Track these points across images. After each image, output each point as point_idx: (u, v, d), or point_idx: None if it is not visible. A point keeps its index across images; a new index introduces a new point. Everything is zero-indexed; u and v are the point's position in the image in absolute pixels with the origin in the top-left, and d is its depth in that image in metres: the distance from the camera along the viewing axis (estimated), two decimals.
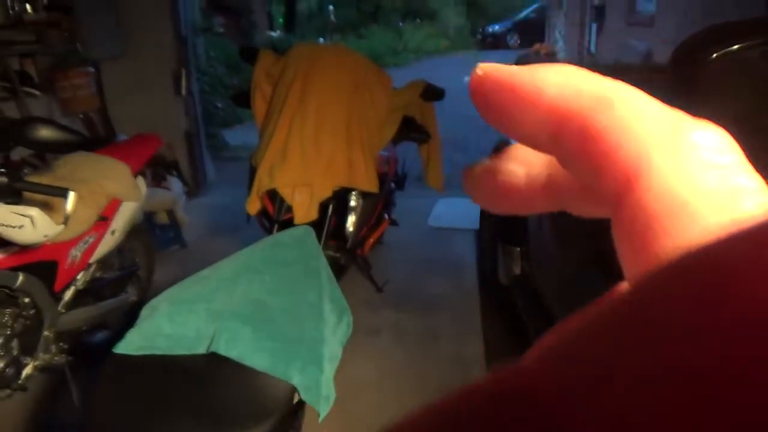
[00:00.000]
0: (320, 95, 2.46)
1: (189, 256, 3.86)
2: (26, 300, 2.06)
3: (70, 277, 2.20)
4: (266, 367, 1.15)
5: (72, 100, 3.95)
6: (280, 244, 1.47)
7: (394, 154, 3.24)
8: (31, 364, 2.11)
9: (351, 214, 2.60)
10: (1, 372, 1.94)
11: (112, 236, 2.33)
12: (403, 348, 2.78)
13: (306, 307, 1.32)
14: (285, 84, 2.52)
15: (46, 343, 2.15)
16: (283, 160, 2.39)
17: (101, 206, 2.21)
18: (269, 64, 2.67)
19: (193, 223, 4.31)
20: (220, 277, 1.33)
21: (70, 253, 2.14)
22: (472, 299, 3.19)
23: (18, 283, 1.94)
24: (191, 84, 4.78)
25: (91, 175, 2.20)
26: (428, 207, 4.56)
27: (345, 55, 2.68)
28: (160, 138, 2.73)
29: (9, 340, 1.99)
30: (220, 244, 3.97)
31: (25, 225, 1.60)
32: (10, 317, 2.02)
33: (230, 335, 1.16)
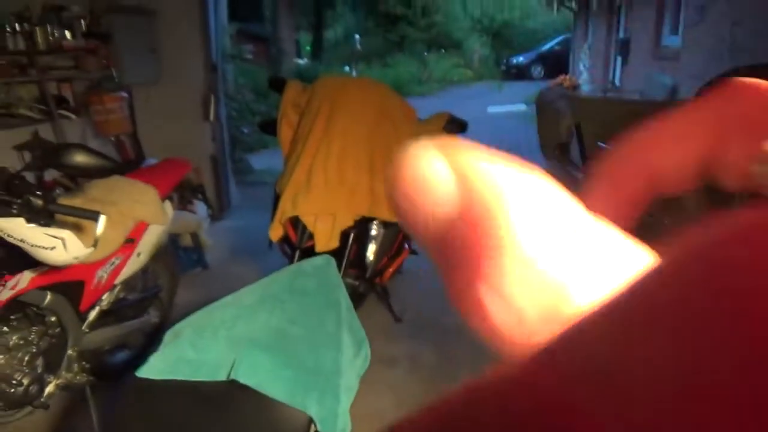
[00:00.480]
0: (345, 126, 2.50)
1: (211, 279, 3.91)
2: (53, 319, 2.11)
3: (95, 297, 2.24)
4: (284, 396, 1.16)
5: (105, 123, 4.07)
6: (302, 273, 1.49)
7: None
8: (54, 382, 2.15)
9: (372, 243, 2.62)
10: (25, 389, 1.98)
11: (137, 258, 2.38)
12: (420, 379, 2.76)
13: (325, 338, 1.33)
14: (311, 114, 2.58)
15: (69, 362, 2.19)
16: (306, 189, 2.43)
17: (129, 229, 2.26)
18: (296, 94, 2.74)
19: (215, 245, 4.37)
20: (241, 305, 1.36)
21: (96, 273, 2.19)
22: None
23: (46, 302, 1.99)
24: (219, 110, 4.90)
25: (121, 198, 2.26)
26: None
27: (370, 86, 2.73)
28: (189, 162, 2.79)
29: (34, 358, 2.04)
30: (241, 267, 4.01)
31: (56, 246, 1.65)
32: (36, 335, 2.07)
33: (250, 363, 1.18)
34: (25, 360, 2.01)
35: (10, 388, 1.96)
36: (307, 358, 1.25)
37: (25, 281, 1.86)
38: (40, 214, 1.63)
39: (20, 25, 3.60)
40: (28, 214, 1.60)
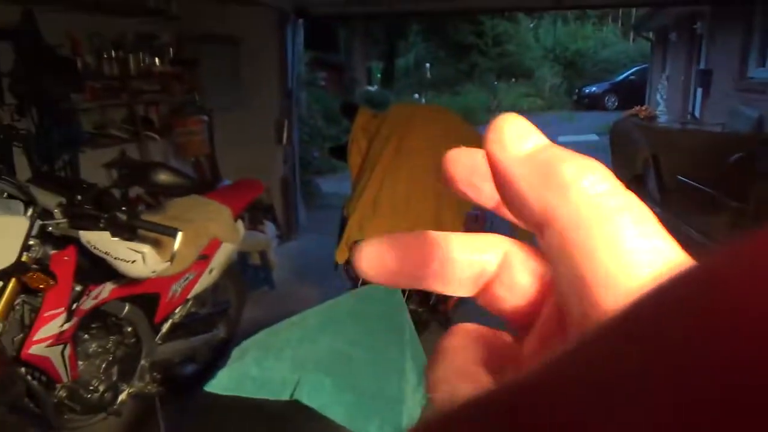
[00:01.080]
0: (414, 153, 2.52)
1: (277, 298, 3.99)
2: (129, 329, 2.21)
3: (169, 310, 2.34)
4: (345, 420, 1.16)
5: (186, 145, 4.29)
6: (367, 297, 1.50)
7: (483, 214, 3.23)
8: (127, 390, 2.24)
9: None
10: (100, 395, 2.08)
11: (210, 274, 2.47)
12: None
13: (387, 363, 1.32)
14: (381, 140, 2.62)
15: (142, 372, 2.28)
16: (373, 214, 2.46)
17: (203, 246, 2.35)
18: (366, 120, 2.79)
19: (282, 266, 4.47)
20: (306, 326, 1.37)
21: (171, 287, 2.29)
22: None
23: (124, 313, 2.09)
24: (292, 134, 5.06)
25: (197, 216, 2.36)
26: None
27: (441, 115, 2.75)
28: (262, 184, 2.89)
29: (110, 366, 2.14)
30: (306, 288, 4.08)
31: (137, 260, 1.74)
32: (113, 344, 2.17)
33: (313, 385, 1.19)
34: (102, 367, 2.11)
35: (87, 393, 2.06)
36: (370, 383, 1.25)
37: (107, 292, 1.97)
38: (123, 228, 1.73)
39: (115, 52, 3.87)
40: (113, 228, 1.70)
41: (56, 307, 1.74)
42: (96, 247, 1.68)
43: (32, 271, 1.61)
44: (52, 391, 1.97)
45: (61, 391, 2.02)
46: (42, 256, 1.72)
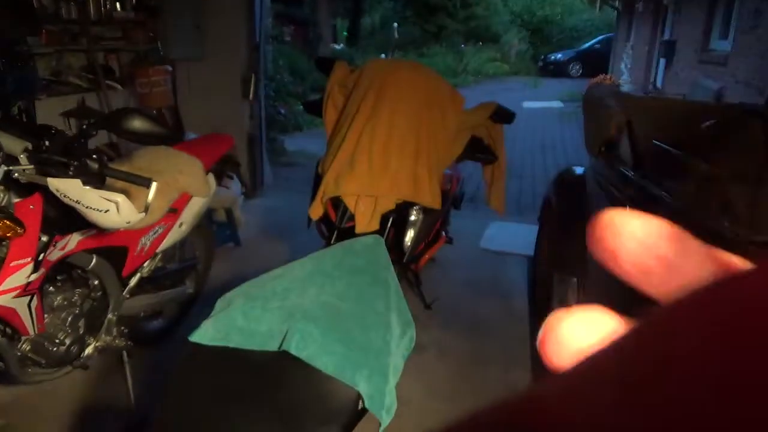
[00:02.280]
0: (392, 109, 2.49)
1: (243, 255, 3.95)
2: (96, 282, 2.14)
3: (137, 264, 2.28)
4: (334, 371, 1.16)
5: (148, 95, 4.13)
6: (352, 251, 1.49)
7: (458, 173, 3.24)
8: (93, 344, 2.19)
9: (410, 229, 2.61)
10: (66, 349, 2.02)
11: (179, 228, 2.41)
12: (448, 368, 2.75)
13: (374, 316, 1.32)
14: (358, 96, 2.57)
15: (109, 326, 2.23)
16: (350, 170, 2.43)
17: (173, 199, 2.28)
18: (344, 75, 2.73)
19: (248, 223, 4.41)
20: (292, 278, 1.36)
21: (140, 240, 2.22)
22: (522, 327, 3.14)
23: (91, 265, 2.02)
24: (259, 90, 4.92)
25: (167, 168, 2.28)
26: (480, 228, 4.53)
27: (420, 71, 2.71)
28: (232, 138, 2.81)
29: (77, 319, 2.08)
30: (272, 245, 4.05)
31: (110, 210, 1.67)
32: (79, 297, 2.11)
33: (301, 336, 1.18)
34: (68, 321, 2.05)
35: (53, 346, 2.00)
36: (357, 335, 1.25)
37: (74, 243, 1.90)
38: (95, 177, 1.65)
39: None
40: (84, 176, 1.62)
41: (23, 257, 1.66)
42: (66, 195, 1.61)
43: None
44: (16, 343, 1.91)
45: (24, 344, 1.95)
46: (6, 204, 1.63)
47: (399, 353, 1.34)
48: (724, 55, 7.17)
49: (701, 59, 8.06)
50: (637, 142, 2.36)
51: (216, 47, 4.70)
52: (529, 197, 5.75)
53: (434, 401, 2.50)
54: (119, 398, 2.35)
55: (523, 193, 6.04)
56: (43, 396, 2.38)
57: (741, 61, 6.55)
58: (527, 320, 3.20)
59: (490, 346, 2.95)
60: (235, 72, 4.81)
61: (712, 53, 7.82)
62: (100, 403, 2.40)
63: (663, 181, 2.02)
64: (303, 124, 7.78)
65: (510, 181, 6.32)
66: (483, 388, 2.58)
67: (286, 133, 7.32)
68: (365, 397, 1.17)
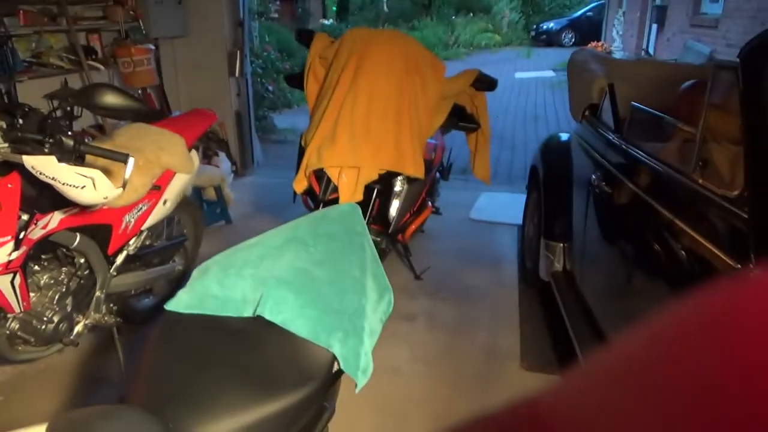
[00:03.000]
0: (372, 79, 2.47)
1: (234, 232, 3.96)
2: (81, 260, 2.15)
3: (122, 241, 2.28)
4: (308, 334, 1.18)
5: (132, 75, 4.09)
6: (327, 218, 1.49)
7: (442, 143, 3.23)
8: (83, 321, 2.21)
9: (395, 199, 2.61)
10: (55, 327, 2.04)
11: (163, 206, 2.41)
12: (438, 336, 2.79)
13: (349, 281, 1.34)
14: (338, 67, 2.55)
15: (97, 303, 2.25)
16: (332, 142, 2.42)
17: (155, 176, 2.28)
18: (324, 46, 2.70)
19: (238, 200, 4.42)
20: (267, 246, 1.37)
21: (124, 218, 2.23)
22: (511, 293, 3.17)
23: (75, 243, 2.03)
24: (245, 66, 4.87)
25: (148, 145, 2.28)
26: (471, 200, 4.54)
27: (399, 40, 2.69)
28: (215, 113, 2.79)
29: (64, 297, 2.09)
30: (263, 222, 4.05)
31: (86, 186, 1.67)
32: (66, 275, 2.12)
33: (275, 301, 1.19)
34: (55, 299, 2.06)
35: (41, 324, 2.02)
36: (332, 300, 1.26)
37: (56, 221, 1.90)
38: (71, 153, 1.65)
39: None
40: (59, 153, 1.62)
41: (2, 235, 1.67)
42: (42, 172, 1.60)
43: None
44: (4, 322, 1.93)
45: (13, 322, 1.97)
46: None
47: (376, 317, 1.36)
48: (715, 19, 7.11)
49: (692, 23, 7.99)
50: (618, 106, 2.35)
51: (199, 24, 4.65)
52: (521, 168, 5.75)
53: (424, 368, 2.54)
54: (112, 374, 2.38)
55: (515, 164, 6.04)
56: (37, 373, 2.41)
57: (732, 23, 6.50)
58: (516, 287, 3.23)
59: (479, 312, 2.98)
60: (220, 49, 4.76)
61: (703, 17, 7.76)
62: (94, 379, 2.43)
63: (643, 143, 2.02)
64: (293, 101, 7.73)
65: (501, 152, 6.33)
66: (472, 356, 2.62)
67: (275, 110, 7.28)
68: (340, 359, 1.19)
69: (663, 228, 1.66)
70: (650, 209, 1.75)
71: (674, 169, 1.71)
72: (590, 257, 2.40)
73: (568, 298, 2.48)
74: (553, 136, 3.32)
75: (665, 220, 1.65)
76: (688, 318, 0.14)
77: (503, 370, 2.53)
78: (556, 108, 9.08)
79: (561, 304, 2.49)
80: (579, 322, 2.28)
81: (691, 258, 1.54)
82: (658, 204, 1.73)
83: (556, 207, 2.79)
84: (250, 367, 1.10)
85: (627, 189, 1.99)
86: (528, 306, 3.04)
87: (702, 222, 1.51)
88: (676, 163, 1.75)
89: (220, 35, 4.72)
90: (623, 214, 2.04)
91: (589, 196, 2.39)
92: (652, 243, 1.74)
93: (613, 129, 2.33)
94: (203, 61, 4.77)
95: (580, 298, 2.40)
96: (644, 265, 1.87)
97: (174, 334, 1.16)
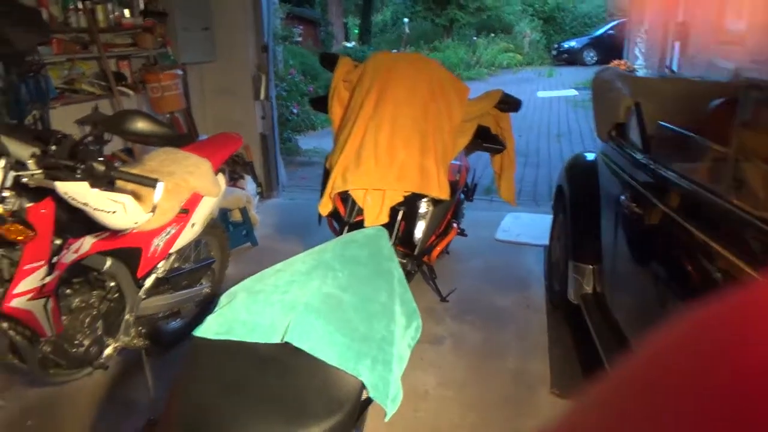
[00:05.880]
0: (396, 102, 2.48)
1: (259, 254, 3.98)
2: (112, 284, 2.18)
3: (151, 264, 2.31)
4: (337, 361, 1.17)
5: (161, 100, 4.17)
6: (354, 242, 1.49)
7: (466, 163, 3.23)
8: (112, 345, 2.23)
9: (420, 221, 2.60)
10: (86, 350, 2.06)
11: (191, 229, 2.44)
12: (465, 359, 2.75)
13: (377, 307, 1.33)
14: (362, 90, 2.57)
15: (127, 326, 2.27)
16: (357, 164, 2.43)
17: (183, 199, 2.32)
18: (347, 70, 2.73)
19: (264, 222, 4.45)
20: (294, 271, 1.37)
21: (153, 242, 2.25)
22: (539, 315, 3.12)
23: (106, 267, 2.06)
24: (270, 89, 4.95)
25: (176, 169, 2.31)
26: (496, 220, 4.50)
27: (422, 63, 2.70)
28: (241, 137, 2.83)
29: (94, 321, 2.12)
30: (289, 244, 4.07)
31: (117, 211, 1.70)
32: (96, 299, 2.15)
33: (303, 327, 1.19)
34: (86, 322, 2.09)
35: (72, 348, 2.04)
36: (360, 326, 1.25)
37: (87, 245, 1.93)
38: (102, 179, 1.68)
39: (82, 3, 3.71)
40: (91, 178, 1.65)
41: (36, 260, 1.70)
42: (74, 198, 1.64)
43: (9, 223, 1.57)
44: (36, 345, 1.95)
45: (45, 345, 2.00)
46: (18, 209, 1.67)
47: (404, 343, 1.35)
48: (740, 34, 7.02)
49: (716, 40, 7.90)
50: (645, 125, 2.32)
51: (226, 49, 4.75)
52: (545, 187, 5.71)
53: (451, 392, 2.50)
54: (141, 397, 2.39)
55: (539, 183, 5.99)
56: (66, 396, 2.43)
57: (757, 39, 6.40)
58: (544, 309, 3.18)
59: (507, 335, 2.94)
60: (245, 73, 4.85)
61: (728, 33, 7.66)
62: (122, 402, 2.44)
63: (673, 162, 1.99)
64: (317, 123, 7.81)
65: (525, 171, 6.29)
66: (500, 380, 2.57)
67: (299, 132, 7.36)
68: (369, 387, 1.18)
69: (697, 249, 1.62)
70: (683, 230, 1.72)
71: (707, 189, 1.68)
72: (622, 279, 2.35)
73: (599, 321, 2.42)
74: (579, 156, 3.29)
75: (699, 241, 1.61)
76: (688, 332, 0.13)
77: (533, 396, 2.47)
78: (580, 126, 9.02)
79: (592, 327, 2.43)
80: (611, 345, 2.23)
81: (726, 280, 1.50)
82: (690, 225, 1.69)
83: (584, 228, 2.74)
84: (280, 394, 1.10)
85: (658, 209, 1.95)
86: (556, 329, 2.98)
87: (738, 243, 1.47)
88: (708, 183, 1.72)
89: (246, 60, 4.81)
90: (655, 235, 2.00)
91: (618, 217, 2.35)
92: (686, 264, 1.70)
93: (640, 148, 2.30)
94: (229, 85, 4.86)
95: (612, 321, 2.35)
96: (678, 288, 1.82)
97: (203, 360, 1.16)
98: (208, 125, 4.92)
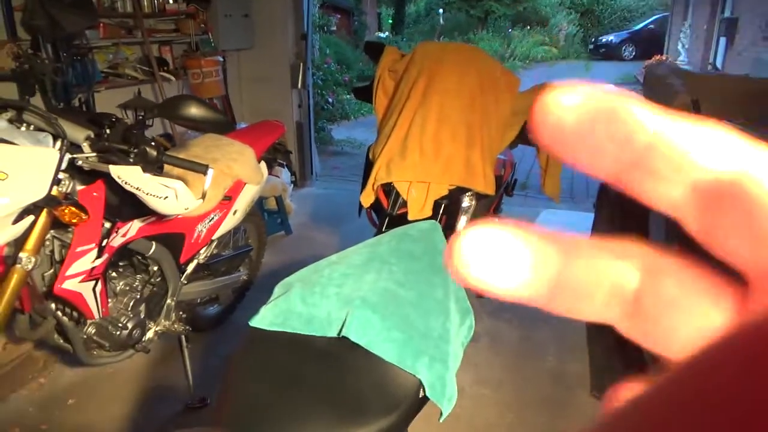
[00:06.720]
0: (443, 94, 2.43)
1: (294, 243, 3.98)
2: (155, 268, 2.20)
3: (194, 250, 2.32)
4: (394, 358, 1.14)
5: (201, 86, 4.19)
6: (408, 236, 1.46)
7: (511, 158, 3.16)
8: (154, 328, 2.25)
9: (463, 215, 2.56)
10: (129, 333, 2.08)
11: (233, 216, 2.44)
12: (502, 357, 2.71)
13: (433, 303, 1.30)
14: (409, 80, 2.53)
15: (168, 311, 2.28)
16: (401, 156, 2.39)
17: (227, 186, 2.31)
18: (394, 59, 2.69)
19: (298, 211, 4.45)
20: (349, 264, 1.34)
21: (196, 228, 2.26)
22: None
23: (151, 252, 2.07)
24: (307, 78, 4.94)
25: (220, 156, 2.31)
26: (531, 216, 4.43)
27: (472, 53, 2.64)
28: (283, 125, 2.82)
29: (138, 304, 2.13)
30: (323, 233, 4.07)
31: (169, 196, 1.70)
32: (140, 283, 2.17)
33: (361, 322, 1.17)
34: (129, 305, 2.10)
35: (116, 330, 2.06)
36: (417, 322, 1.22)
37: (134, 229, 1.94)
38: (154, 164, 1.68)
39: None
40: (143, 163, 1.65)
41: (88, 243, 1.71)
42: (127, 182, 1.64)
43: (64, 205, 1.58)
44: (82, 327, 1.97)
45: (90, 327, 2.02)
46: (71, 191, 1.68)
47: (458, 341, 1.32)
48: None
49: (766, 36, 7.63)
50: None
51: (265, 37, 4.74)
52: (582, 184, 5.60)
53: (488, 391, 2.47)
54: (178, 381, 2.41)
55: (576, 180, 5.88)
56: (107, 378, 2.47)
57: None
58: None
59: (545, 334, 2.88)
60: (283, 61, 4.84)
61: None
62: (161, 385, 2.47)
63: None
64: (350, 113, 7.79)
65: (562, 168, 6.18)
66: (538, 380, 2.53)
67: (333, 121, 7.35)
68: (427, 386, 1.15)
69: None
70: None
71: None
72: None
73: None
74: None
75: None
76: None
77: (572, 397, 2.43)
78: None
79: None
80: None
81: None
82: None
83: (629, 227, 2.67)
84: (337, 390, 1.07)
85: None
86: (595, 329, 2.92)
87: None
88: None
89: (284, 47, 4.80)
90: None
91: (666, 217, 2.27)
92: None
93: None
94: (266, 72, 4.86)
95: None
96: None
97: (260, 352, 1.14)
98: (245, 112, 4.94)
